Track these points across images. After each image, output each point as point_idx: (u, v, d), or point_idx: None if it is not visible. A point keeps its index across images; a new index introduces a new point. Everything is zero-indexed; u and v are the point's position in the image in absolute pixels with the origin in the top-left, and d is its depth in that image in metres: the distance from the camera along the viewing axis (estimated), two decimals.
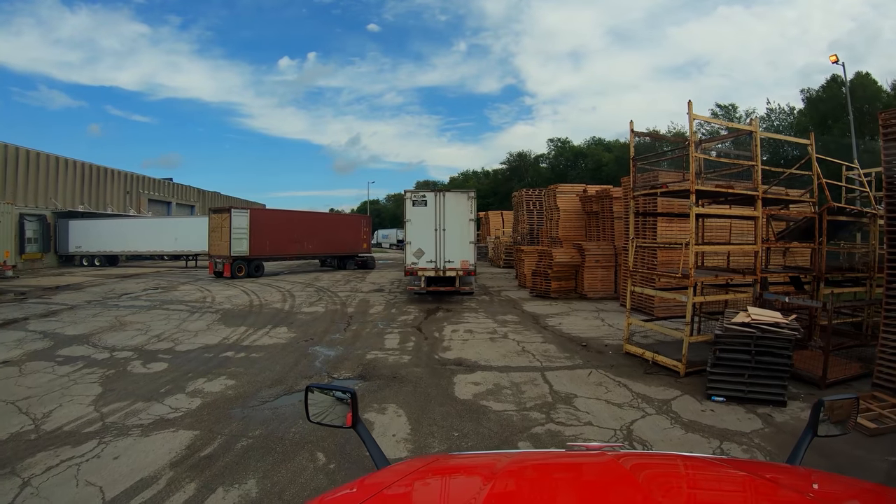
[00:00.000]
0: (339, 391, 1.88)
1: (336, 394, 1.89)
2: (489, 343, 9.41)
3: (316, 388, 1.92)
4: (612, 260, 15.99)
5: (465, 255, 14.49)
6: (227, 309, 13.38)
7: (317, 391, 1.92)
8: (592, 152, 57.53)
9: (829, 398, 1.74)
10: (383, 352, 8.74)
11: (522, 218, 22.80)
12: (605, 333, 10.57)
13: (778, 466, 1.64)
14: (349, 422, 1.84)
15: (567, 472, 1.50)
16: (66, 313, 12.74)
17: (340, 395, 1.88)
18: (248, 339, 9.77)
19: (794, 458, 1.63)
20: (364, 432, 1.82)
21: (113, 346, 9.25)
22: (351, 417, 1.84)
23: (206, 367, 7.88)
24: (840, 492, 1.36)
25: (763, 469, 1.60)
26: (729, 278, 8.85)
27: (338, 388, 1.89)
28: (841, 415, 1.77)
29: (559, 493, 1.29)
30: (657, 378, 7.45)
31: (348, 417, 1.84)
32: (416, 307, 13.81)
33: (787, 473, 1.44)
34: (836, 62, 22.09)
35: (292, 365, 7.88)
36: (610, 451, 1.73)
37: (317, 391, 1.92)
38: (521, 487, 1.33)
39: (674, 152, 9.58)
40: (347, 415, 1.85)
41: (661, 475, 1.45)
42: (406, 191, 14.98)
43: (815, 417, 1.71)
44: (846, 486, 1.43)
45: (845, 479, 1.47)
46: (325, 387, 1.92)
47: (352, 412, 1.84)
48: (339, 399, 1.88)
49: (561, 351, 8.92)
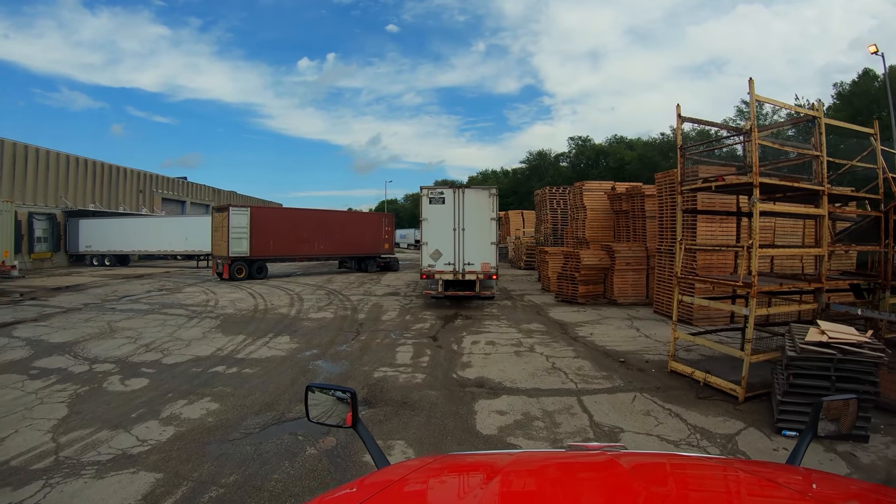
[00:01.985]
0: (340, 391, 1.90)
1: (336, 393, 1.90)
2: (514, 358, 8.25)
3: (316, 388, 1.93)
4: (643, 263, 14.73)
5: (487, 257, 13.30)
6: (228, 314, 12.42)
7: (317, 391, 1.93)
8: (614, 151, 56.05)
9: (828, 398, 1.75)
10: (393, 368, 7.64)
11: (545, 217, 21.55)
12: (643, 346, 9.36)
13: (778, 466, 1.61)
14: (349, 421, 1.86)
15: (567, 472, 1.45)
16: (58, 317, 11.93)
17: (340, 394, 1.89)
18: (245, 350, 8.77)
19: (794, 458, 1.61)
20: (364, 432, 1.83)
21: (95, 357, 8.35)
22: (351, 417, 1.86)
23: (191, 385, 6.89)
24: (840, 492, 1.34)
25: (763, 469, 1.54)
26: (793, 286, 7.62)
27: (338, 388, 1.91)
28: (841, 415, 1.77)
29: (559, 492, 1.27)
30: (712, 404, 6.28)
31: (348, 417, 1.86)
32: (432, 313, 12.71)
33: (787, 473, 1.43)
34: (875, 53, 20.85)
35: (288, 384, 6.83)
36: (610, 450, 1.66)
37: (317, 391, 1.93)
38: (522, 487, 1.33)
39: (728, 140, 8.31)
40: (347, 414, 1.86)
41: (660, 475, 1.44)
42: (422, 187, 13.68)
43: (815, 417, 1.70)
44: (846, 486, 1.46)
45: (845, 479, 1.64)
46: (325, 386, 1.92)
47: (352, 412, 1.86)
48: (340, 399, 1.90)
49: (597, 368, 7.75)
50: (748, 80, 6.89)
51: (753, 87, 6.89)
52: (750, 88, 6.91)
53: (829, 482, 1.48)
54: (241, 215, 21.17)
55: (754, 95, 6.96)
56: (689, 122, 7.94)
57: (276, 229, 22.21)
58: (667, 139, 53.12)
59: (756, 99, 6.98)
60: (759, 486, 1.30)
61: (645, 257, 14.71)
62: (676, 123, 7.83)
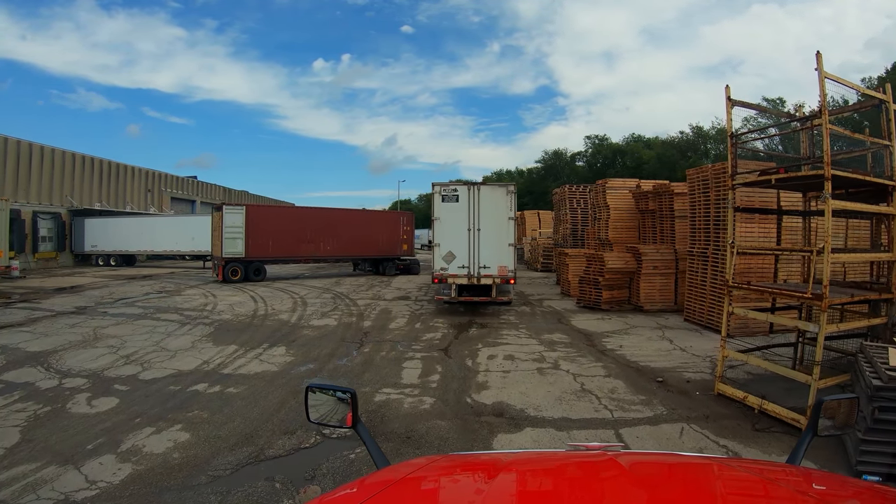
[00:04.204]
0: (340, 391, 1.86)
1: (337, 394, 1.87)
2: (537, 377, 7.20)
3: (317, 388, 1.89)
4: (671, 266, 13.60)
5: (504, 260, 12.21)
6: (224, 320, 11.53)
7: (318, 391, 1.89)
8: (632, 149, 54.66)
9: (828, 398, 1.74)
10: (398, 390, 6.63)
11: (565, 217, 20.40)
12: (680, 362, 8.28)
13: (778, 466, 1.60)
14: (349, 422, 1.83)
15: (567, 472, 1.43)
16: (45, 322, 11.15)
17: (341, 395, 1.86)
18: (233, 363, 7.85)
19: (794, 458, 1.60)
20: (364, 432, 1.81)
21: (69, 370, 7.50)
22: (351, 417, 1.83)
23: (164, 407, 5.98)
24: (840, 492, 1.33)
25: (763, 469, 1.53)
26: (864, 296, 6.53)
27: (338, 388, 1.87)
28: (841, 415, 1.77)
29: (559, 492, 1.28)
30: (773, 438, 5.30)
31: (348, 417, 1.83)
32: (444, 321, 11.71)
33: (787, 473, 1.42)
34: None
35: (274, 409, 5.87)
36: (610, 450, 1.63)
37: (318, 391, 1.89)
38: (522, 487, 1.31)
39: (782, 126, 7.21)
40: (347, 414, 1.83)
41: (661, 475, 1.43)
42: (434, 184, 12.52)
43: (815, 417, 1.69)
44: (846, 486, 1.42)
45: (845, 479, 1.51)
46: (325, 386, 1.88)
47: (352, 412, 1.83)
48: (340, 399, 1.86)
49: (633, 390, 6.69)
50: (815, 54, 5.82)
51: (822, 61, 5.82)
52: (818, 63, 5.82)
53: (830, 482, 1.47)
54: (235, 214, 19.96)
55: (823, 72, 5.86)
56: (740, 106, 6.83)
57: (276, 229, 20.88)
58: (686, 138, 51.78)
59: (826, 77, 5.88)
60: (759, 485, 1.29)
61: (673, 260, 13.59)
62: (726, 107, 6.73)
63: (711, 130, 50.32)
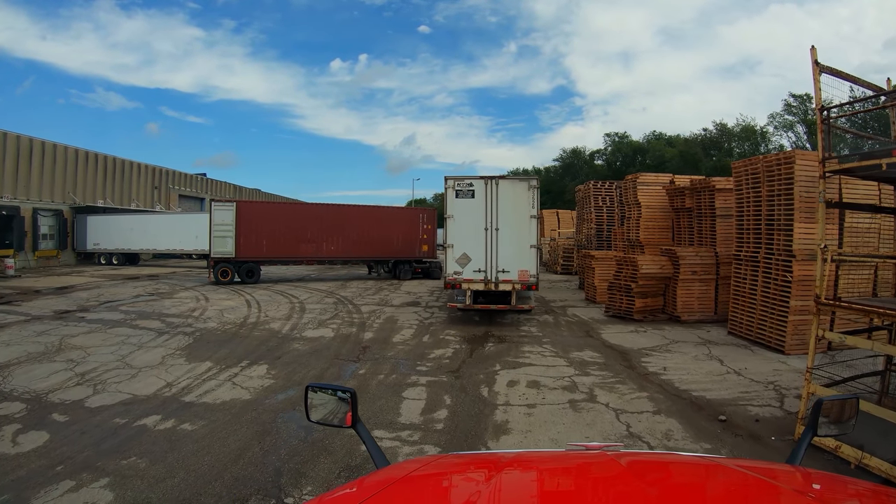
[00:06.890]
0: (340, 391, 1.82)
1: (337, 393, 1.83)
2: (570, 415, 5.73)
3: (317, 388, 1.86)
4: (711, 271, 12.08)
5: (525, 264, 10.73)
6: (207, 329, 10.26)
7: (318, 391, 1.86)
8: (653, 147, 52.64)
9: (828, 398, 1.70)
10: (393, 433, 5.21)
11: (589, 216, 18.83)
12: (740, 390, 6.79)
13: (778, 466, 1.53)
14: (349, 421, 1.79)
15: (567, 472, 1.40)
16: (13, 328, 10.04)
17: (341, 394, 1.82)
18: (200, 387, 6.55)
19: (794, 458, 1.56)
20: (364, 432, 1.77)
21: (10, 391, 6.35)
22: (351, 417, 1.79)
23: (97, 450, 4.71)
24: (840, 492, 1.31)
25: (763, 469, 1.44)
26: None
27: (338, 388, 1.83)
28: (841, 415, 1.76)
29: (559, 492, 1.25)
30: None
31: (348, 417, 1.79)
32: (457, 332, 10.30)
33: (787, 473, 1.38)
34: None
35: (231, 459, 4.54)
36: (610, 450, 1.60)
37: (318, 391, 1.86)
38: (521, 487, 1.30)
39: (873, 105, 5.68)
40: (347, 414, 1.79)
41: (660, 475, 1.40)
42: (447, 177, 11.11)
43: (815, 417, 1.64)
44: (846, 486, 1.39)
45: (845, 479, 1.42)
46: (325, 386, 1.85)
47: (352, 412, 1.79)
48: (340, 399, 1.82)
49: (692, 434, 5.25)
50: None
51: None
52: None
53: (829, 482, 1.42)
54: (224, 211, 18.49)
55: None
56: (829, 73, 5.34)
57: (271, 227, 19.22)
58: (709, 135, 49.89)
59: None
60: (759, 486, 1.25)
61: (714, 265, 12.07)
62: (813, 73, 5.27)
63: (736, 128, 48.45)
